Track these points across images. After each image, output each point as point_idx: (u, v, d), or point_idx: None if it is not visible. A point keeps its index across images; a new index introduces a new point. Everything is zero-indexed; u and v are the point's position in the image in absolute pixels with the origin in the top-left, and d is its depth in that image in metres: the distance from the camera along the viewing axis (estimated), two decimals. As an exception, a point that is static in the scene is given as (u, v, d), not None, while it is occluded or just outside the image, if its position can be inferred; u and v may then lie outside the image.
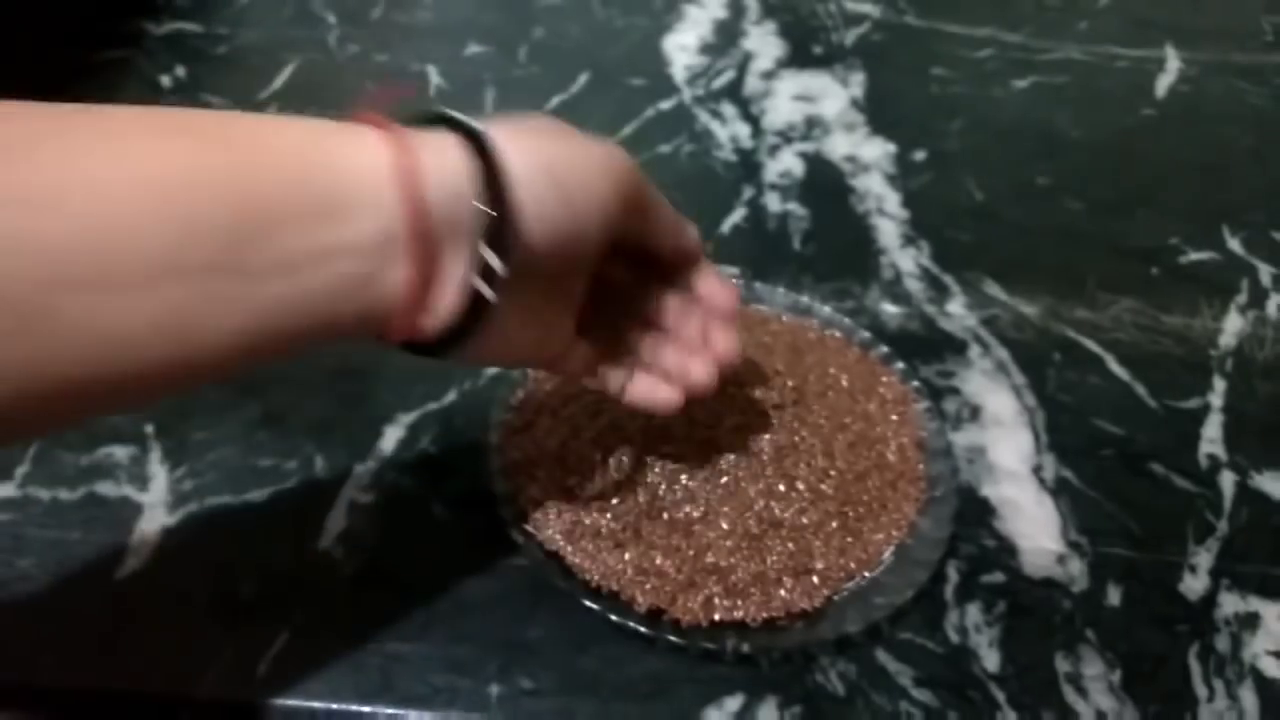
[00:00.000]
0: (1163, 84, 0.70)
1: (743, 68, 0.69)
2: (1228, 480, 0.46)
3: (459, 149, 0.28)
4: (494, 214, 0.28)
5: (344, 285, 0.27)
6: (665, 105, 0.66)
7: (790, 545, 0.40)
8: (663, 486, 0.41)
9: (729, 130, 0.64)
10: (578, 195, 0.30)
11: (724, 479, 0.41)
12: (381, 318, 0.28)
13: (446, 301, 0.29)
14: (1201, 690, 0.39)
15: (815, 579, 0.40)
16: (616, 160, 0.32)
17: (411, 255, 0.27)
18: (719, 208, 0.58)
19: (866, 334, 0.49)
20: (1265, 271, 0.56)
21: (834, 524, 0.41)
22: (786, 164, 0.62)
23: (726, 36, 0.72)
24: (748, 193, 0.60)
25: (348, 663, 0.37)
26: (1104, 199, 0.60)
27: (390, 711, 0.36)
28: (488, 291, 0.28)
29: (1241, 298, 0.55)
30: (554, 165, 0.29)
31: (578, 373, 0.37)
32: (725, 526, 0.40)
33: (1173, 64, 0.72)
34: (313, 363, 0.48)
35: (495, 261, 0.28)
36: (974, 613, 0.40)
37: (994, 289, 0.54)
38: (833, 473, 0.42)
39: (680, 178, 0.60)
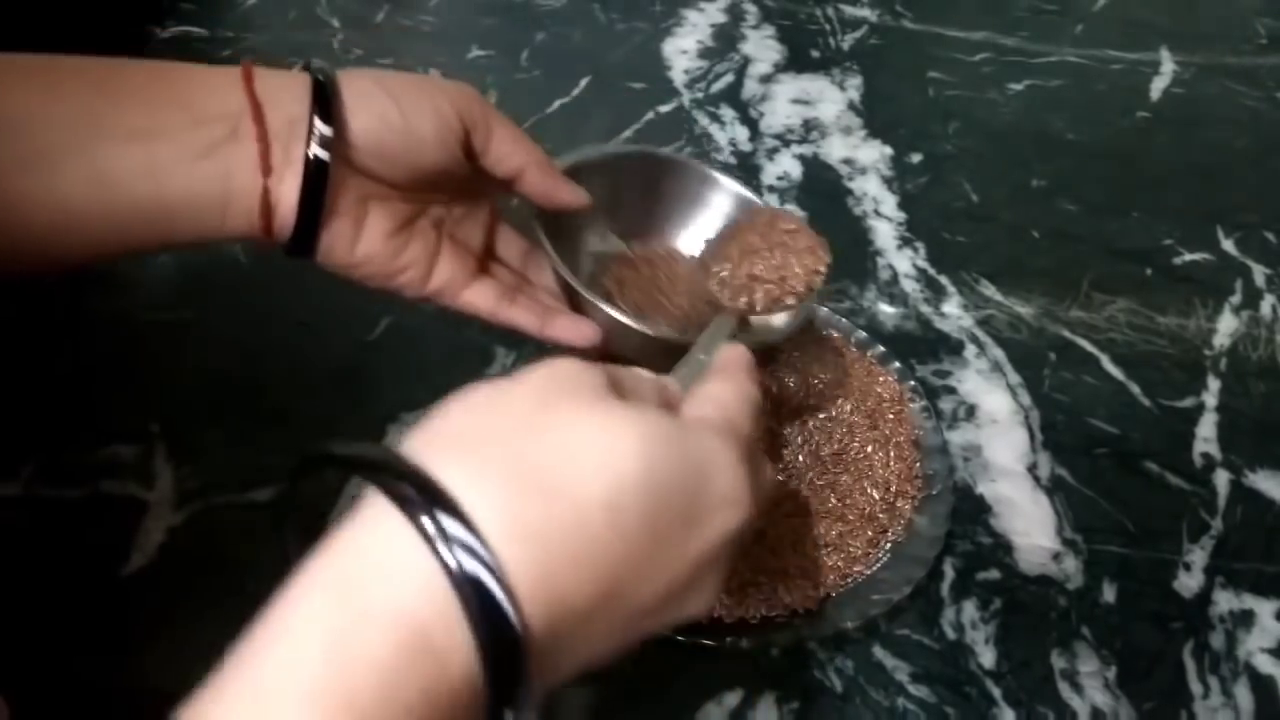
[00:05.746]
0: (1157, 87, 0.70)
1: (741, 71, 0.70)
2: (1222, 479, 0.46)
3: (298, 73, 0.35)
4: (321, 113, 0.34)
5: (194, 153, 0.33)
6: (665, 108, 0.66)
7: (788, 542, 0.41)
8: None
9: (728, 133, 0.64)
10: (406, 99, 0.36)
11: (723, 477, 0.42)
12: (239, 193, 0.34)
13: (293, 183, 0.35)
14: (1196, 687, 0.39)
15: (813, 576, 0.40)
16: (458, 87, 0.38)
17: (254, 130, 0.34)
18: (718, 210, 0.59)
19: (863, 334, 0.50)
20: (1259, 272, 0.57)
21: (831, 521, 0.42)
22: (784, 166, 0.62)
23: (725, 41, 0.73)
24: (746, 195, 0.60)
25: (351, 659, 0.38)
26: (1099, 201, 0.61)
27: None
28: (322, 152, 0.34)
29: (1235, 298, 0.55)
30: (383, 79, 0.37)
31: (448, 298, 0.41)
32: (724, 524, 0.41)
33: (1167, 67, 0.72)
34: (317, 362, 0.48)
35: (321, 125, 0.34)
36: (970, 609, 0.41)
37: (989, 289, 0.55)
38: (830, 470, 0.43)
39: (679, 180, 0.61)
